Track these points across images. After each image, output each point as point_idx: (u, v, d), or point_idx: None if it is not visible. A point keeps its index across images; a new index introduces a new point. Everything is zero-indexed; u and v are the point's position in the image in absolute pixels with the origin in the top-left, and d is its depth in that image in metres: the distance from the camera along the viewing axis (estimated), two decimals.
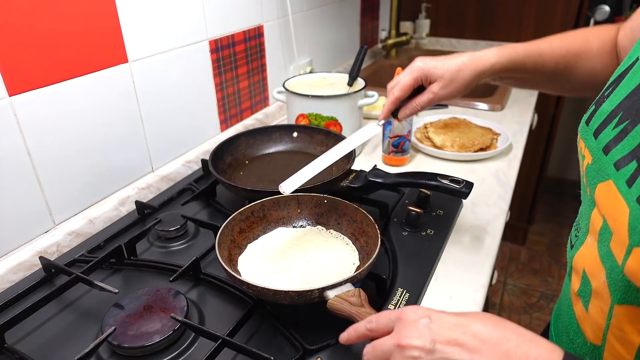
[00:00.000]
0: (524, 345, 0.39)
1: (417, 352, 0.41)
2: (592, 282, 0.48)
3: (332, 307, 0.57)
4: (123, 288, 0.72)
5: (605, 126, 0.48)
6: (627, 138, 0.43)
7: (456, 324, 0.42)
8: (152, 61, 0.94)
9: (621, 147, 0.44)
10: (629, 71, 0.48)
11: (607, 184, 0.45)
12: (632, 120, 0.44)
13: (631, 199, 0.40)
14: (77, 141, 0.83)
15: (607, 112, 0.48)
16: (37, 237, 0.79)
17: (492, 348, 0.39)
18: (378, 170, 0.85)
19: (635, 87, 0.46)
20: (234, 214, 0.72)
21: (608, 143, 0.46)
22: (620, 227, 0.42)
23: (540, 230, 2.61)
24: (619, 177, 0.43)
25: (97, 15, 0.81)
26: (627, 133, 0.43)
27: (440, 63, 0.72)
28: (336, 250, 0.72)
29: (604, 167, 0.46)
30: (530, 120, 1.41)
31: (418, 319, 0.43)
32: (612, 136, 0.46)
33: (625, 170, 0.42)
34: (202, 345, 0.62)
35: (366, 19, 1.97)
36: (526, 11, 2.02)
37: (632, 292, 0.42)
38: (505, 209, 0.94)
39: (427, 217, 0.86)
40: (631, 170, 0.41)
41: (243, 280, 0.59)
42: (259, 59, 1.29)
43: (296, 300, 0.58)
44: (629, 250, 0.41)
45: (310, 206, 0.78)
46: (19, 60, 0.71)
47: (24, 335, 0.65)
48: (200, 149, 1.12)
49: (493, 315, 0.43)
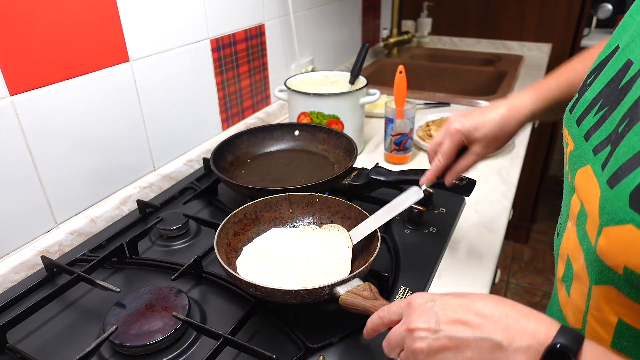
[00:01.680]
0: (522, 320, 0.41)
1: (424, 333, 0.43)
2: (574, 265, 0.50)
3: (345, 303, 0.57)
4: (125, 287, 0.72)
5: (587, 114, 0.49)
6: (605, 124, 0.45)
7: (459, 304, 0.44)
8: (153, 60, 0.94)
9: (599, 132, 0.46)
10: (610, 59, 0.49)
11: (585, 168, 0.47)
12: (610, 107, 0.45)
13: (602, 180, 0.42)
14: (79, 140, 0.82)
15: (589, 100, 0.50)
16: (39, 236, 0.79)
17: (493, 324, 0.41)
18: (380, 168, 0.85)
19: (614, 74, 0.47)
20: (227, 217, 0.71)
21: (589, 130, 0.48)
22: (593, 209, 0.43)
23: (543, 229, 2.60)
24: (595, 162, 0.45)
25: (98, 14, 0.81)
26: (605, 119, 0.45)
27: (480, 121, 0.67)
28: (330, 242, 0.71)
29: (584, 153, 0.48)
30: None
31: (424, 303, 0.46)
32: (592, 123, 0.47)
33: (601, 155, 0.44)
34: (204, 343, 0.61)
35: (368, 18, 1.96)
36: (528, 10, 2.01)
37: (606, 271, 0.44)
38: (508, 207, 0.93)
39: (429, 215, 0.86)
40: (605, 154, 0.43)
41: (250, 283, 0.58)
42: (261, 58, 1.29)
43: (307, 298, 0.58)
44: (599, 230, 0.42)
45: (302, 205, 0.77)
46: (20, 60, 0.71)
47: (26, 334, 0.64)
48: (201, 147, 1.12)
49: (493, 295, 0.45)
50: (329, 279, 0.57)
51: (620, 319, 0.45)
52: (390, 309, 0.49)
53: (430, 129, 1.21)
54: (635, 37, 0.47)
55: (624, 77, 0.45)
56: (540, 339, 0.39)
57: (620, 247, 0.40)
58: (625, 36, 0.49)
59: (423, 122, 1.28)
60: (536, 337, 0.39)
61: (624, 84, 0.45)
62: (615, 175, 0.40)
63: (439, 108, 1.47)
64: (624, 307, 0.44)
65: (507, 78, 1.67)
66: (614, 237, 0.40)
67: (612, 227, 0.40)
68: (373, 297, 0.56)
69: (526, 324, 0.40)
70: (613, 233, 0.40)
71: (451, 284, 0.73)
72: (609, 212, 0.41)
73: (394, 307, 0.49)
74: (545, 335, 0.39)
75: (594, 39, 2.13)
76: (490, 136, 0.67)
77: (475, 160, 0.69)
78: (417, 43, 2.22)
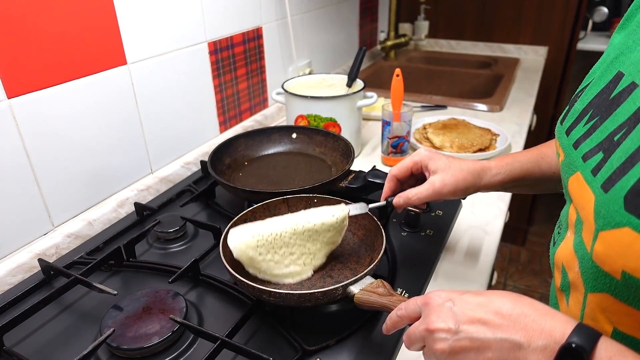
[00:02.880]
0: (539, 319, 0.41)
1: (444, 334, 0.44)
2: (569, 274, 0.50)
3: (360, 302, 0.58)
4: (122, 290, 0.72)
5: (577, 124, 0.50)
6: (596, 132, 0.46)
7: (478, 304, 0.44)
8: (150, 63, 0.94)
9: (589, 141, 0.46)
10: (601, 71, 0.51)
11: (575, 176, 0.47)
12: (601, 116, 0.46)
13: (596, 186, 0.43)
14: (76, 143, 0.83)
15: (579, 111, 0.51)
16: (36, 239, 0.79)
17: (512, 324, 0.41)
18: (377, 171, 0.85)
19: (604, 85, 0.48)
20: (228, 225, 0.70)
21: (578, 139, 0.48)
22: (588, 215, 0.44)
23: (540, 231, 2.61)
24: (585, 168, 0.45)
25: (95, 17, 0.81)
26: (596, 128, 0.46)
27: (446, 158, 0.67)
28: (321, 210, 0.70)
29: (573, 161, 0.48)
30: (529, 120, 1.42)
31: (442, 303, 0.46)
32: (582, 132, 0.48)
33: (592, 161, 0.45)
34: (201, 346, 0.61)
35: (365, 21, 1.97)
36: (525, 13, 2.02)
37: (602, 278, 0.44)
38: (504, 210, 0.94)
39: (426, 217, 0.86)
40: (597, 160, 0.44)
41: (263, 289, 0.58)
42: (258, 61, 1.29)
43: (321, 300, 0.58)
44: (595, 235, 0.42)
45: (300, 208, 0.77)
46: (17, 63, 0.71)
47: (22, 337, 0.64)
48: (199, 150, 1.12)
49: (510, 293, 0.45)
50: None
51: (615, 327, 0.45)
52: (408, 307, 0.50)
53: (427, 132, 1.22)
54: (624, 49, 0.48)
55: (615, 89, 0.46)
56: (556, 338, 0.39)
57: (617, 251, 0.40)
58: (613, 50, 0.50)
59: (420, 125, 1.29)
60: (552, 336, 0.39)
61: (616, 95, 0.45)
62: (609, 179, 0.41)
63: (435, 111, 1.47)
64: (619, 315, 0.44)
65: (504, 81, 1.68)
66: (611, 241, 0.40)
67: (608, 232, 0.40)
68: (388, 293, 0.57)
69: (544, 323, 0.40)
70: (609, 237, 0.40)
71: (448, 286, 0.73)
72: (604, 217, 0.41)
73: (412, 305, 0.50)
74: (561, 334, 0.39)
75: (589, 42, 2.14)
76: (452, 170, 0.65)
77: (429, 191, 0.65)
78: (414, 46, 2.23)
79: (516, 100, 1.56)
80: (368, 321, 0.64)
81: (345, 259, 0.73)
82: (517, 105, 1.51)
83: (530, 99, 1.57)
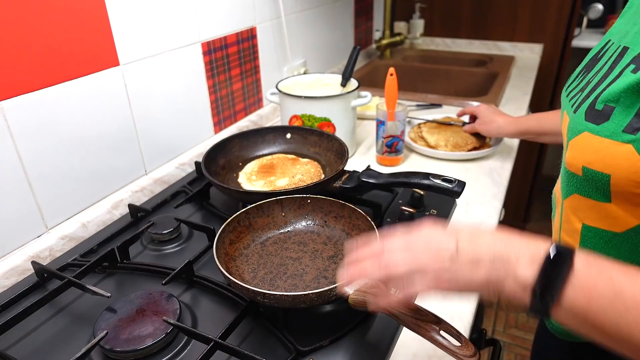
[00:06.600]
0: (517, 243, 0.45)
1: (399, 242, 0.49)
2: (555, 195, 0.61)
3: (355, 302, 0.58)
4: (116, 292, 0.72)
5: (573, 85, 0.60)
6: (581, 83, 0.57)
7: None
8: (144, 64, 0.94)
9: (576, 89, 0.58)
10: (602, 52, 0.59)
11: (563, 114, 0.59)
12: (587, 71, 0.58)
13: (570, 112, 0.55)
14: (69, 144, 0.82)
15: (576, 74, 0.62)
16: (30, 241, 0.79)
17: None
18: (371, 171, 0.85)
19: (596, 52, 0.59)
20: (222, 227, 0.70)
21: (570, 91, 0.60)
22: (564, 135, 0.55)
23: (536, 229, 2.61)
24: (569, 106, 0.57)
25: (87, 18, 0.81)
26: (582, 80, 0.57)
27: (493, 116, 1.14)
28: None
29: (565, 107, 0.59)
30: None
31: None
32: (575, 88, 0.59)
33: (573, 100, 0.56)
34: (194, 348, 0.61)
35: (360, 20, 1.97)
36: (520, 10, 2.02)
37: (571, 180, 0.55)
38: (499, 208, 0.94)
39: (420, 216, 0.86)
40: (577, 99, 0.55)
41: (258, 291, 0.58)
42: (252, 61, 1.29)
43: (316, 301, 0.58)
44: (567, 146, 0.54)
45: (294, 208, 0.78)
46: (8, 65, 0.71)
47: (16, 340, 0.64)
48: (193, 151, 1.12)
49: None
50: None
51: (583, 223, 0.55)
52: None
53: (422, 131, 1.22)
54: (620, 28, 0.57)
55: (602, 51, 0.57)
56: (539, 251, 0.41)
57: (579, 152, 0.51)
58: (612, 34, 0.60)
59: (415, 124, 1.29)
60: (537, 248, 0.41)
61: (600, 54, 0.57)
62: (578, 105, 0.53)
63: (430, 109, 1.47)
64: (585, 209, 0.54)
65: (499, 79, 1.68)
66: (575, 146, 0.52)
67: (574, 139, 0.52)
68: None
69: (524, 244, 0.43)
70: (574, 143, 0.52)
71: None
72: (571, 129, 0.53)
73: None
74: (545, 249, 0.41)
75: (584, 39, 2.14)
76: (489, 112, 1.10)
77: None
78: (410, 44, 2.23)
79: (511, 98, 1.56)
80: (362, 322, 0.64)
81: (340, 260, 0.73)
82: (513, 103, 1.51)
83: (526, 96, 1.57)
